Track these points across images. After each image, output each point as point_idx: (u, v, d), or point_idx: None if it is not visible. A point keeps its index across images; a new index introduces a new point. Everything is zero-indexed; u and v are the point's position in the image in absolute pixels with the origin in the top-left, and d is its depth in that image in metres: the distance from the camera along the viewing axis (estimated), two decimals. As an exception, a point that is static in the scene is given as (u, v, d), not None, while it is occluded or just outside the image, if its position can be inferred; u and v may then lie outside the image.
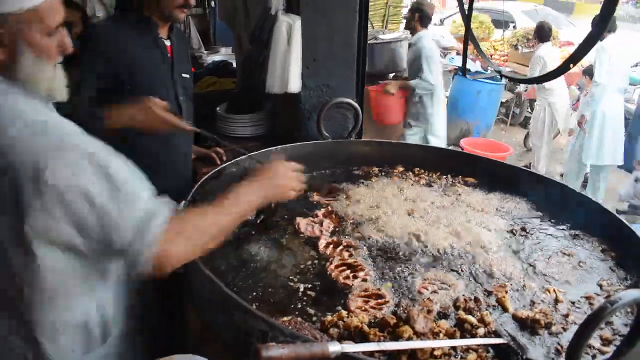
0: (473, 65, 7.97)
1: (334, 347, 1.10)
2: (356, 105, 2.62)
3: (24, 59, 1.29)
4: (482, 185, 2.41)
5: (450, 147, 6.54)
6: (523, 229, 2.04)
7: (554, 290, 1.65)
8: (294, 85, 2.63)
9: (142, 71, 2.21)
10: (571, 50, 6.02)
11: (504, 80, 6.92)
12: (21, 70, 1.29)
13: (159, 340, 1.70)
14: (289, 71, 2.58)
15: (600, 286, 1.70)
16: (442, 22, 12.65)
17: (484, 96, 7.14)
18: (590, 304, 1.61)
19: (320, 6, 2.60)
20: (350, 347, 1.13)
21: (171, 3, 2.19)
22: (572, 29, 11.24)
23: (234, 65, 4.48)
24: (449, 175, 2.49)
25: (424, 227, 1.99)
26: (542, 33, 6.61)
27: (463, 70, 2.53)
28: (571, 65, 2.01)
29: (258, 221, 1.98)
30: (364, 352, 1.16)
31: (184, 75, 2.37)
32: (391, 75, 5.79)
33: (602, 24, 1.79)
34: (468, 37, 2.50)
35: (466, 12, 2.51)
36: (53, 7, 1.32)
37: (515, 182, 2.36)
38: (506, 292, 1.62)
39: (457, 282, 1.67)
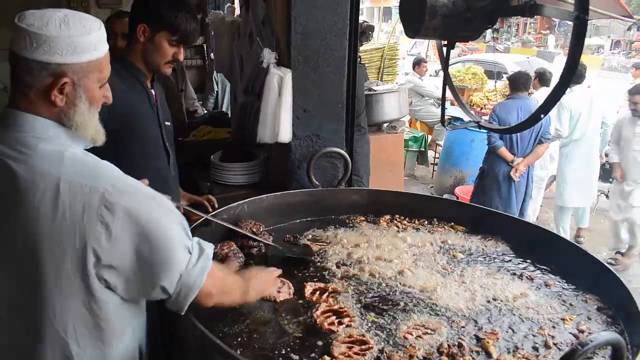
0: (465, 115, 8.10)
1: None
2: (345, 154, 2.69)
3: (80, 107, 1.37)
4: (472, 231, 2.45)
5: (445, 196, 6.60)
6: (520, 275, 2.07)
7: (547, 334, 1.67)
8: (285, 135, 2.70)
9: (138, 119, 2.26)
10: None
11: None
12: (75, 117, 1.37)
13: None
14: (279, 121, 2.66)
15: (581, 331, 1.71)
16: (437, 73, 12.94)
17: (477, 145, 7.23)
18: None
19: (310, 60, 2.70)
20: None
21: (161, 59, 2.22)
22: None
23: (229, 115, 4.59)
24: (439, 222, 2.54)
25: (411, 273, 2.02)
26: (543, 77, 6.81)
27: (442, 119, 2.57)
28: (542, 115, 2.07)
29: None
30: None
31: (167, 123, 2.42)
32: (385, 125, 5.89)
33: (568, 76, 1.86)
34: (446, 86, 2.55)
35: (445, 59, 2.57)
36: (108, 59, 1.43)
37: (498, 227, 2.40)
38: (497, 339, 1.64)
39: (441, 327, 1.68)
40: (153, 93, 2.35)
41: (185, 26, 2.19)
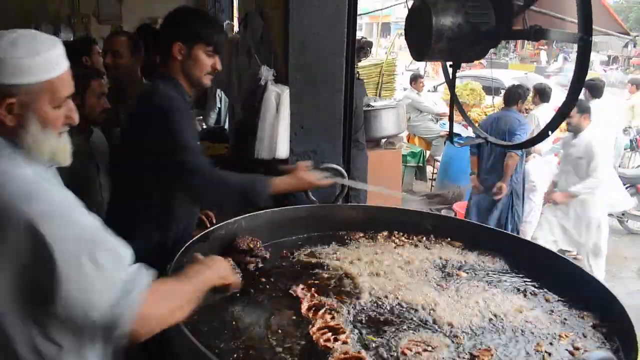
0: (465, 131, 8.16)
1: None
2: (342, 170, 2.70)
3: (30, 129, 1.35)
4: (469, 247, 2.45)
5: (443, 212, 6.61)
6: (518, 291, 2.08)
7: (544, 350, 1.67)
8: (282, 151, 2.73)
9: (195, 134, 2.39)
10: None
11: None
12: (26, 138, 1.35)
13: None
14: (277, 138, 2.68)
15: (577, 348, 1.71)
16: (435, 88, 13.02)
17: (475, 161, 7.27)
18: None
19: (308, 77, 2.73)
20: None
21: (201, 72, 2.29)
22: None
23: (228, 130, 4.61)
24: (437, 238, 2.54)
25: (409, 289, 2.01)
26: (543, 93, 6.87)
27: (450, 137, 2.60)
28: (550, 132, 2.09)
29: None
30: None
31: None
32: (383, 140, 5.93)
33: (574, 94, 1.89)
34: (453, 103, 2.58)
35: (451, 79, 2.61)
36: (64, 80, 1.40)
37: (495, 243, 2.41)
38: (492, 355, 1.64)
39: (441, 345, 1.68)
40: None
41: (218, 36, 2.31)
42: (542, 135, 2.17)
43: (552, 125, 2.06)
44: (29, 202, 1.28)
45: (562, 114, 2.02)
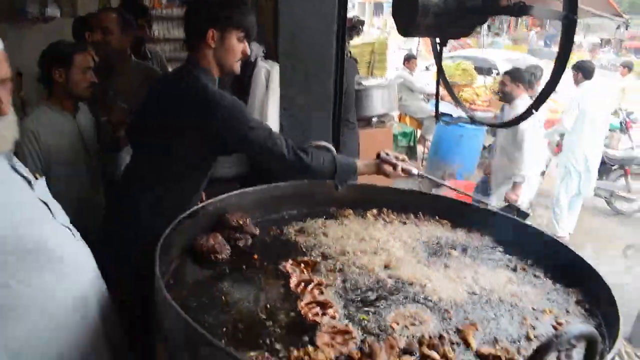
0: (455, 111, 8.17)
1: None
2: (332, 148, 2.70)
3: None
4: (457, 225, 2.48)
5: (433, 190, 6.63)
6: (506, 267, 2.12)
7: (529, 324, 1.71)
8: (272, 128, 2.71)
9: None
10: (554, 97, 6.30)
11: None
12: None
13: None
14: (267, 115, 2.68)
15: (559, 324, 1.74)
16: (427, 68, 12.99)
17: (466, 140, 7.31)
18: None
19: (298, 54, 2.71)
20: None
21: (232, 58, 2.28)
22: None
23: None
24: (425, 216, 2.57)
25: (398, 265, 2.04)
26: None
27: (436, 115, 2.60)
28: (533, 110, 2.11)
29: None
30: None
31: None
32: (374, 119, 5.92)
33: (558, 74, 1.89)
34: (439, 82, 2.58)
35: (438, 56, 2.60)
36: None
37: (483, 221, 2.44)
38: (476, 329, 1.66)
39: (429, 319, 1.70)
40: None
41: (250, 20, 2.28)
42: (527, 114, 2.19)
43: (536, 103, 2.07)
44: None
45: (546, 93, 2.02)
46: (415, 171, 2.47)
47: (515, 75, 5.32)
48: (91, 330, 1.77)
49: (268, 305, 1.75)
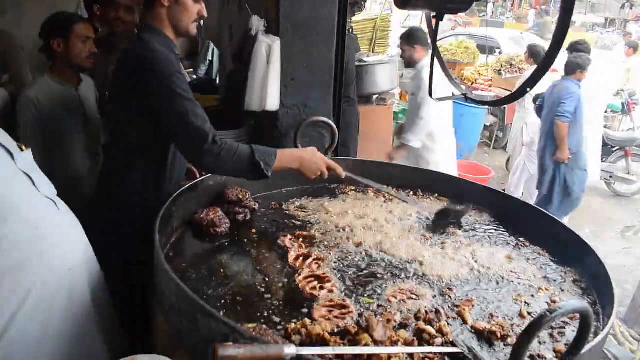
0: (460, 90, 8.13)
1: (289, 349, 1.15)
2: (332, 123, 2.69)
3: None
4: (456, 202, 2.47)
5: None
6: (503, 244, 2.14)
7: (524, 301, 1.73)
8: (273, 103, 2.70)
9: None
10: (554, 75, 6.23)
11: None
12: None
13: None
14: (267, 90, 2.66)
15: (554, 302, 1.76)
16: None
17: (467, 119, 7.28)
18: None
19: (299, 28, 2.69)
20: (305, 350, 1.18)
21: (188, 19, 2.16)
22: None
23: (218, 82, 4.57)
24: (424, 193, 2.58)
25: (396, 242, 2.06)
26: (536, 54, 6.81)
27: (429, 91, 2.57)
28: (528, 89, 2.08)
29: None
30: (319, 355, 1.21)
31: None
32: (375, 96, 5.88)
33: (555, 50, 1.87)
34: (434, 57, 2.55)
35: (433, 30, 2.55)
36: None
37: (482, 199, 2.45)
38: (473, 305, 1.68)
39: (426, 294, 1.72)
40: None
41: None
42: (521, 93, 2.16)
43: (531, 81, 2.05)
44: None
45: (541, 70, 2.00)
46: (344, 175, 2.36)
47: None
48: (79, 301, 1.79)
49: (266, 279, 1.76)
